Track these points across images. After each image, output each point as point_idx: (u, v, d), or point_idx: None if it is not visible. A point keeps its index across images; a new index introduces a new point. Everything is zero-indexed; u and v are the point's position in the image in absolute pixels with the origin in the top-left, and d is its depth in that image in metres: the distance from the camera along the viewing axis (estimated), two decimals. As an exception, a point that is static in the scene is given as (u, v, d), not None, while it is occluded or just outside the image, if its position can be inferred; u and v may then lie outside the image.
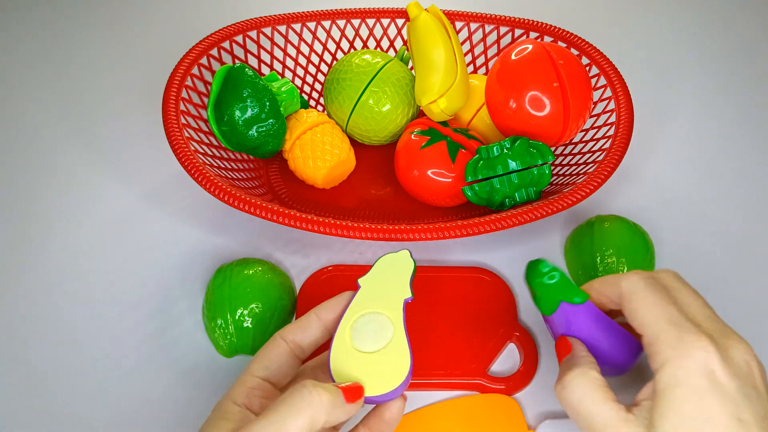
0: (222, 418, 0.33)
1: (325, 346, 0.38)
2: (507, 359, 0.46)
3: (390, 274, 0.39)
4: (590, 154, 0.53)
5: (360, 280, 0.38)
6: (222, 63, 0.56)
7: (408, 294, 0.38)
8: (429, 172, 0.51)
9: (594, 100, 0.55)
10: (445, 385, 0.45)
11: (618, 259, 0.48)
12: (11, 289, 0.50)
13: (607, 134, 0.52)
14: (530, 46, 0.50)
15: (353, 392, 0.33)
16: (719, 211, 0.56)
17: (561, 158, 0.56)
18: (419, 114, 0.58)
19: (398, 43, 0.63)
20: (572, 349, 0.37)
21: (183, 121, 0.50)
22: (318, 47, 0.63)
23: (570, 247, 0.51)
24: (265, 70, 0.61)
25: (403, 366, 0.35)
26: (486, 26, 0.60)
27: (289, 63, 0.62)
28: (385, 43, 0.63)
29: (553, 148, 0.56)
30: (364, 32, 0.65)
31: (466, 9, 0.61)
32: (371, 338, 0.35)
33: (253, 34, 0.58)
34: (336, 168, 0.54)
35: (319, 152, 0.53)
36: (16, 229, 0.54)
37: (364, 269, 0.50)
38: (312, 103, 0.62)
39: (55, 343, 0.46)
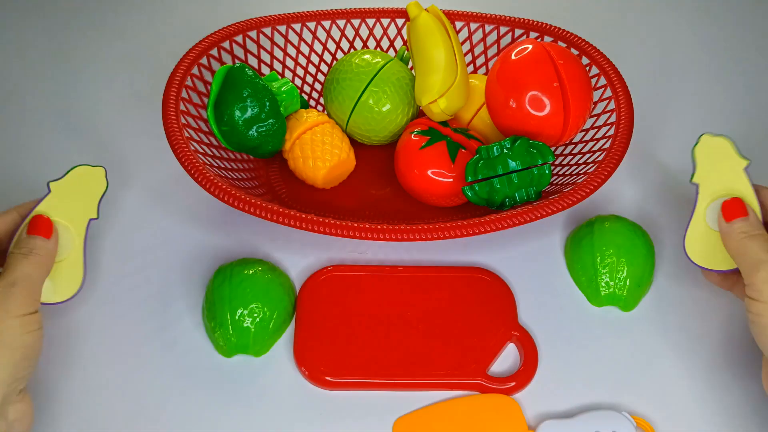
0: None
1: None
2: (507, 359, 0.46)
3: (82, 187, 0.43)
4: (590, 154, 0.53)
5: (52, 184, 0.42)
6: (222, 63, 0.56)
7: (94, 215, 0.43)
8: (429, 172, 0.51)
9: (594, 100, 0.55)
10: (445, 385, 0.45)
11: (618, 259, 0.48)
12: None
13: (607, 134, 0.52)
14: (530, 46, 0.50)
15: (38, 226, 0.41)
16: (719, 211, 0.56)
17: (561, 158, 0.56)
18: (419, 114, 0.58)
19: (398, 43, 0.63)
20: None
21: (183, 121, 0.50)
22: (318, 47, 0.63)
23: (570, 247, 0.51)
24: (265, 70, 0.61)
25: (76, 280, 0.41)
26: (486, 26, 0.60)
27: (289, 63, 0.62)
28: (385, 43, 0.63)
29: (553, 148, 0.56)
30: (364, 32, 0.65)
31: (466, 9, 0.61)
32: None
33: (253, 34, 0.58)
34: (336, 168, 0.54)
35: (319, 152, 0.53)
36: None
37: (365, 269, 0.50)
38: (312, 103, 0.62)
39: (54, 343, 0.46)
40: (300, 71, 0.63)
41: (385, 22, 0.61)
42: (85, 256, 0.42)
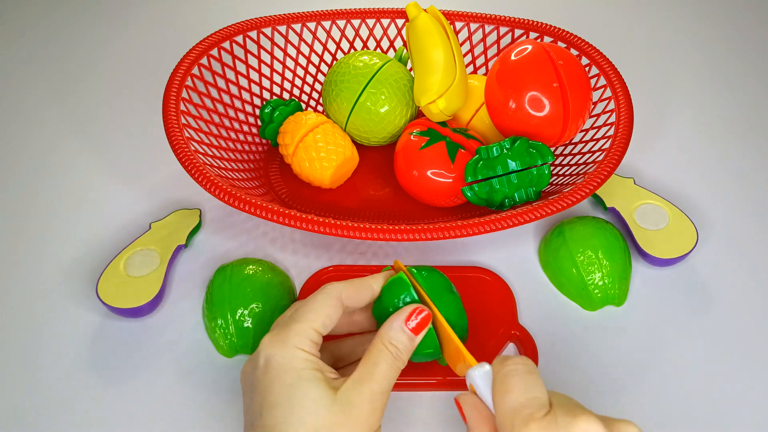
0: (307, 369, 0.33)
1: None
2: (507, 359, 0.46)
3: (178, 224, 0.51)
4: (590, 154, 0.53)
5: (153, 224, 0.51)
6: (222, 63, 0.56)
7: (183, 242, 0.50)
8: (428, 173, 0.51)
9: (594, 100, 0.55)
10: (445, 384, 0.45)
11: (599, 259, 0.48)
12: (12, 288, 0.50)
13: (606, 134, 0.52)
14: (530, 47, 0.50)
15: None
16: (719, 211, 0.56)
17: (561, 158, 0.56)
18: (418, 114, 0.58)
19: (398, 44, 0.63)
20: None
21: (183, 121, 0.50)
22: (318, 47, 0.64)
23: (547, 260, 0.51)
24: (265, 70, 0.61)
25: (151, 293, 0.46)
26: (486, 26, 0.60)
27: (289, 63, 0.62)
28: (385, 44, 0.63)
29: (553, 148, 0.56)
30: (364, 32, 0.65)
31: (466, 9, 0.61)
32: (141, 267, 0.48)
33: (253, 34, 0.58)
34: (342, 166, 0.54)
35: (324, 152, 0.52)
36: (16, 229, 0.54)
37: (364, 269, 0.50)
38: (312, 103, 0.62)
39: (55, 342, 0.46)
40: (300, 71, 0.63)
41: (385, 22, 0.61)
42: (165, 276, 0.47)
